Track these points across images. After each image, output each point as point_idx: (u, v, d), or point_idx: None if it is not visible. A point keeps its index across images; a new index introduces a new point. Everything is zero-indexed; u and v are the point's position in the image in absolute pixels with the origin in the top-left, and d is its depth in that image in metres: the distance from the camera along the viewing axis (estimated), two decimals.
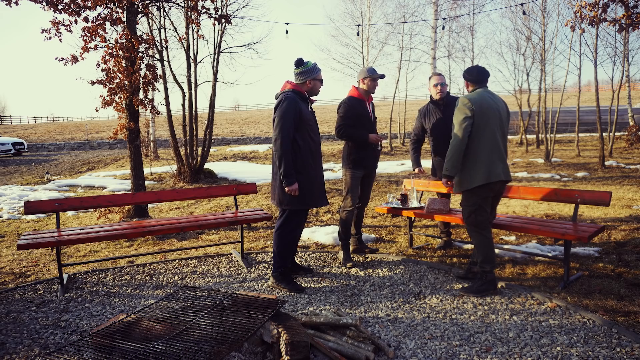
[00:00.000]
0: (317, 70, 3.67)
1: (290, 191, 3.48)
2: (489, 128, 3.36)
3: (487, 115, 3.35)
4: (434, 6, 10.64)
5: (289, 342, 2.24)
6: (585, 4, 7.10)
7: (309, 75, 3.63)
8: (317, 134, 3.73)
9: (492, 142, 3.36)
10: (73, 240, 3.73)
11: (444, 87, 4.44)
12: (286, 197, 3.56)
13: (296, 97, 3.55)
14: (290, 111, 3.45)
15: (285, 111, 3.46)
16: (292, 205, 3.58)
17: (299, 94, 3.62)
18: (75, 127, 35.12)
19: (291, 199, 3.55)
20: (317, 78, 3.67)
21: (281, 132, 3.44)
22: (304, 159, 3.57)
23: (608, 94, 15.19)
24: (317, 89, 3.72)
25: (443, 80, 4.46)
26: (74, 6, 5.70)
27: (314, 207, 3.70)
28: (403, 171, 11.15)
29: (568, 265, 3.60)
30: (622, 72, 14.38)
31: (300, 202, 3.58)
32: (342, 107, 4.23)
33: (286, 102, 3.48)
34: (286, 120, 3.44)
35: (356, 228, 4.59)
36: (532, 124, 16.94)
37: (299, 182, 3.53)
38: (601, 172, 10.06)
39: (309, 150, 3.61)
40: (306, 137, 3.58)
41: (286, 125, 3.44)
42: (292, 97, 3.52)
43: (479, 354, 2.58)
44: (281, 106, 3.49)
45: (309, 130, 3.61)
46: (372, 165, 4.32)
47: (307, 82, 3.64)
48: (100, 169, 14.80)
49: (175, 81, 9.80)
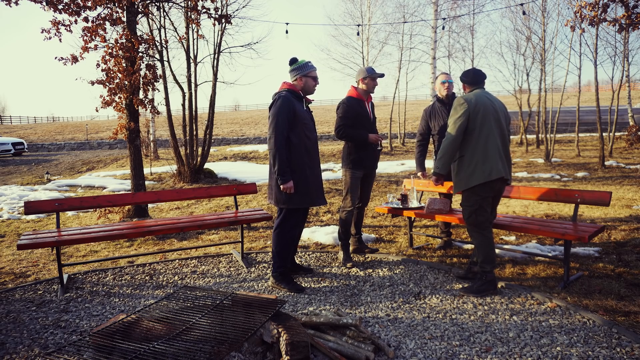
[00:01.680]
0: (308, 67, 3.67)
1: (286, 189, 3.49)
2: (486, 127, 3.36)
3: (483, 114, 3.36)
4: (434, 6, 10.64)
5: (289, 342, 2.24)
6: (585, 4, 7.10)
7: (299, 72, 3.64)
8: (314, 133, 3.73)
9: (490, 141, 3.36)
10: (73, 240, 3.73)
11: (451, 84, 4.47)
12: (282, 195, 3.57)
13: (290, 96, 3.58)
14: (283, 109, 3.48)
15: (278, 109, 3.48)
16: (289, 204, 3.59)
17: (294, 93, 3.64)
18: (75, 127, 35.12)
19: (287, 197, 3.56)
20: (309, 75, 3.67)
21: (275, 130, 3.46)
22: (299, 157, 3.57)
23: (608, 94, 15.19)
24: (310, 87, 3.71)
25: (450, 78, 4.48)
26: (74, 6, 5.69)
27: (310, 206, 3.70)
28: (403, 171, 11.14)
29: (568, 265, 3.60)
30: (622, 72, 14.38)
31: (296, 200, 3.58)
32: (340, 108, 4.23)
33: (279, 101, 3.51)
34: (279, 118, 3.47)
35: (356, 228, 4.59)
36: (532, 124, 16.95)
37: (294, 181, 3.54)
38: (601, 172, 10.06)
39: (305, 149, 3.61)
40: (301, 136, 3.58)
41: (279, 124, 3.46)
42: (286, 95, 3.55)
43: (479, 354, 2.58)
44: (275, 105, 3.53)
45: (304, 128, 3.61)
46: (372, 165, 4.32)
47: (299, 79, 3.65)
48: (100, 169, 14.80)
49: (175, 81, 9.80)
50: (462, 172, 3.45)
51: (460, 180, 3.48)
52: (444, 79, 4.47)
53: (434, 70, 10.90)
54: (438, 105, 4.54)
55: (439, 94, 4.55)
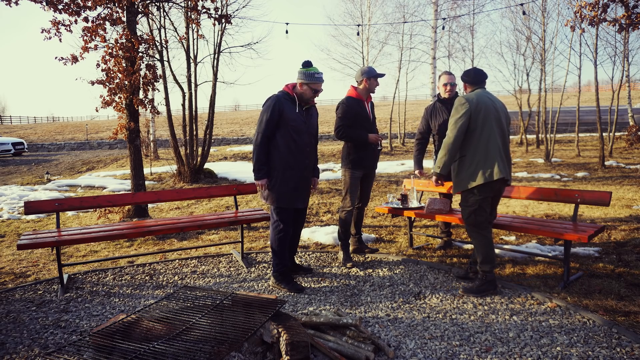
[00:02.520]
0: (314, 78, 3.62)
1: (258, 185, 3.69)
2: (487, 127, 3.36)
3: (484, 114, 3.36)
4: (434, 6, 10.64)
5: (289, 342, 2.24)
6: (585, 4, 7.10)
7: (304, 78, 3.63)
8: (303, 135, 3.68)
9: (491, 141, 3.35)
10: (73, 240, 3.74)
11: (453, 86, 4.45)
12: (269, 194, 3.71)
13: (281, 98, 3.64)
14: (268, 110, 3.59)
15: (264, 110, 3.62)
16: (269, 202, 3.74)
17: (287, 95, 3.68)
18: (75, 127, 35.12)
19: (268, 195, 3.71)
20: (311, 86, 3.64)
21: (257, 129, 3.63)
22: (282, 158, 3.63)
23: (608, 94, 15.19)
24: (308, 96, 3.66)
25: (453, 79, 4.46)
26: (74, 6, 5.70)
27: (286, 206, 3.70)
28: (403, 171, 11.14)
29: (568, 265, 3.60)
30: (622, 72, 14.39)
31: (273, 199, 3.69)
32: (340, 108, 4.23)
33: (268, 102, 3.64)
34: (262, 118, 3.61)
35: (356, 228, 4.59)
36: (532, 124, 16.94)
37: (273, 180, 3.65)
38: (601, 172, 10.06)
39: (289, 150, 3.63)
40: (287, 138, 3.62)
41: (261, 124, 3.60)
42: (276, 97, 3.64)
43: (479, 354, 2.58)
44: (263, 105, 3.66)
45: (292, 130, 3.61)
46: (372, 165, 4.32)
47: (300, 84, 3.66)
48: (100, 169, 14.80)
49: (175, 81, 9.80)
50: (462, 173, 3.45)
51: (460, 180, 3.47)
52: (446, 81, 4.43)
53: (434, 70, 10.90)
54: (439, 105, 4.53)
55: (441, 94, 4.54)
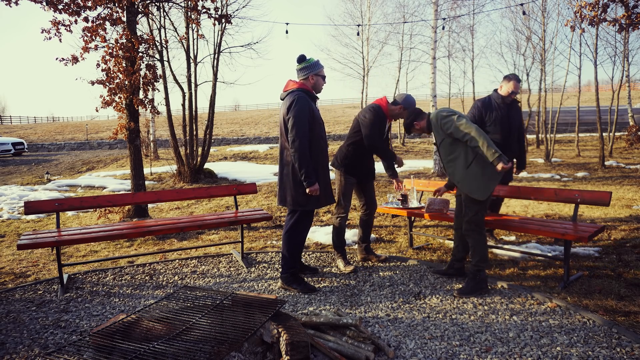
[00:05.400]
0: (319, 66, 3.61)
1: (312, 192, 3.44)
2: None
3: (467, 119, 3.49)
4: (434, 6, 10.63)
5: (289, 342, 2.24)
6: (585, 4, 7.10)
7: (311, 70, 3.58)
8: (324, 132, 3.70)
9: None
10: (73, 240, 3.73)
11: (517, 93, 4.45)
12: (303, 197, 3.51)
13: (306, 97, 3.51)
14: (305, 111, 3.41)
15: (300, 111, 3.40)
16: (309, 206, 3.54)
17: (308, 93, 3.56)
18: (75, 127, 35.12)
19: (309, 199, 3.51)
20: (320, 74, 3.62)
21: (298, 132, 3.38)
22: (316, 158, 3.53)
23: (608, 94, 15.19)
24: (320, 86, 3.66)
25: (519, 88, 4.42)
26: (74, 6, 5.70)
27: (327, 205, 3.68)
28: (403, 171, 11.14)
29: (568, 265, 3.60)
30: (622, 72, 14.39)
31: (316, 202, 3.55)
32: (373, 114, 3.99)
33: (300, 103, 3.42)
34: (302, 120, 3.39)
35: (364, 235, 4.40)
36: (532, 124, 16.94)
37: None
38: (601, 172, 10.06)
39: (320, 150, 3.58)
40: (317, 137, 3.54)
41: (303, 126, 3.39)
42: (304, 96, 3.47)
43: (479, 354, 2.58)
44: (295, 107, 3.42)
45: (320, 129, 3.58)
46: (367, 174, 4.22)
47: (310, 77, 3.58)
48: (100, 169, 14.80)
49: (175, 81, 9.80)
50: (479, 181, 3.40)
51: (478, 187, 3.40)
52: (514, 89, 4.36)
53: (434, 70, 10.90)
54: (496, 100, 4.45)
55: (502, 95, 4.43)
